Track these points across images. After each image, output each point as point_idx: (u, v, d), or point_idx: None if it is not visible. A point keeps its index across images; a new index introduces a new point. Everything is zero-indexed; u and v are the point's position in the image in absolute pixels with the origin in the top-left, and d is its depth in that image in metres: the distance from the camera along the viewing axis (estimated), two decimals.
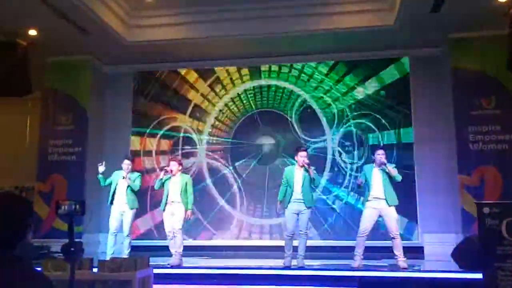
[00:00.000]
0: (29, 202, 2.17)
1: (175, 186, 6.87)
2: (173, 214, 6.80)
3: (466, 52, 8.02)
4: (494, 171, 7.69)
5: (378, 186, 6.30)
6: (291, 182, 6.45)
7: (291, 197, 6.41)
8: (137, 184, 7.14)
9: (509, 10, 6.76)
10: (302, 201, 6.37)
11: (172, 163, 6.99)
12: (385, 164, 6.32)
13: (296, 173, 6.48)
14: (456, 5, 6.97)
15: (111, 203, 7.07)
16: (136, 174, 7.27)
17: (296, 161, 6.57)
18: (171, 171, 6.89)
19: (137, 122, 9.64)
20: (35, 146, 9.22)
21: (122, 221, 7.03)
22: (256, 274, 6.13)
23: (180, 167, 7.06)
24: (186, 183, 6.91)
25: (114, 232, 7.00)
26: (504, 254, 4.79)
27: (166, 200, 6.86)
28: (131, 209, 7.07)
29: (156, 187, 7.06)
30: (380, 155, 6.39)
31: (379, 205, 6.26)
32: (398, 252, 6.18)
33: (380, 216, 6.36)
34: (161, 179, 6.92)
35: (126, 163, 7.14)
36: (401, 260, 6.14)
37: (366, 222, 6.30)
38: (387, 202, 6.23)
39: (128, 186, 7.04)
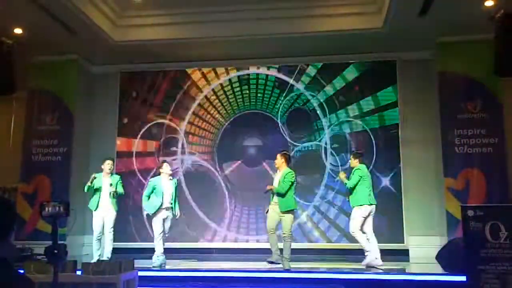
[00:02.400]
0: (12, 203, 2.14)
1: (168, 191, 6.87)
2: (166, 220, 6.85)
3: (453, 56, 8.08)
4: (478, 174, 7.77)
5: None
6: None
7: (272, 198, 6.49)
8: (122, 190, 7.14)
9: (495, 14, 6.85)
10: (277, 204, 6.38)
11: (165, 165, 7.02)
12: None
13: (275, 177, 6.59)
14: (444, 9, 7.04)
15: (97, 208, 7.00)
16: (117, 177, 7.20)
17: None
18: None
19: (123, 123, 9.56)
20: (19, 146, 9.08)
21: (104, 223, 7.00)
22: (242, 276, 6.10)
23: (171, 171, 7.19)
24: (176, 188, 7.00)
25: (98, 237, 7.01)
26: (488, 257, 4.84)
27: (161, 205, 6.78)
28: (116, 211, 7.06)
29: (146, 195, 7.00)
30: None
31: None
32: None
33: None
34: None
35: (109, 163, 7.08)
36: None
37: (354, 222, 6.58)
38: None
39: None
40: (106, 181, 6.99)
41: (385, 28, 7.80)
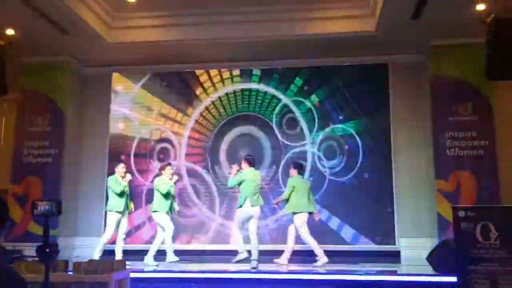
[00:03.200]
0: (4, 201, 2.12)
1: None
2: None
3: (445, 59, 8.15)
4: (469, 176, 7.84)
5: None
6: None
7: None
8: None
9: (486, 18, 6.93)
10: None
11: (168, 168, 7.49)
12: None
13: None
14: (437, 12, 7.11)
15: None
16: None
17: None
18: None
19: (116, 125, 9.51)
20: (10, 147, 9.01)
21: (119, 225, 7.19)
22: (233, 278, 6.11)
23: None
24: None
25: (109, 239, 7.21)
26: (478, 257, 4.88)
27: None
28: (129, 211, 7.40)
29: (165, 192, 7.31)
30: None
31: None
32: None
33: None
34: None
35: (124, 167, 7.41)
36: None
37: None
38: None
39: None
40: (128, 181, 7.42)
41: (378, 32, 7.85)
